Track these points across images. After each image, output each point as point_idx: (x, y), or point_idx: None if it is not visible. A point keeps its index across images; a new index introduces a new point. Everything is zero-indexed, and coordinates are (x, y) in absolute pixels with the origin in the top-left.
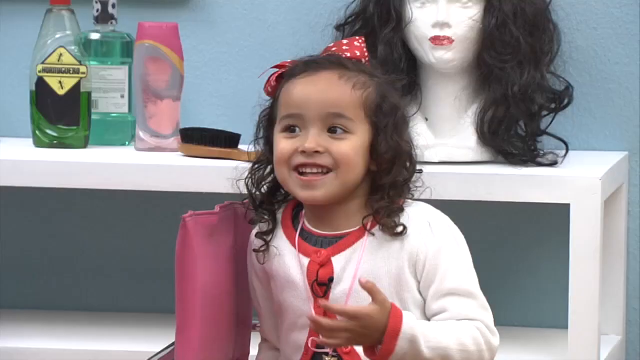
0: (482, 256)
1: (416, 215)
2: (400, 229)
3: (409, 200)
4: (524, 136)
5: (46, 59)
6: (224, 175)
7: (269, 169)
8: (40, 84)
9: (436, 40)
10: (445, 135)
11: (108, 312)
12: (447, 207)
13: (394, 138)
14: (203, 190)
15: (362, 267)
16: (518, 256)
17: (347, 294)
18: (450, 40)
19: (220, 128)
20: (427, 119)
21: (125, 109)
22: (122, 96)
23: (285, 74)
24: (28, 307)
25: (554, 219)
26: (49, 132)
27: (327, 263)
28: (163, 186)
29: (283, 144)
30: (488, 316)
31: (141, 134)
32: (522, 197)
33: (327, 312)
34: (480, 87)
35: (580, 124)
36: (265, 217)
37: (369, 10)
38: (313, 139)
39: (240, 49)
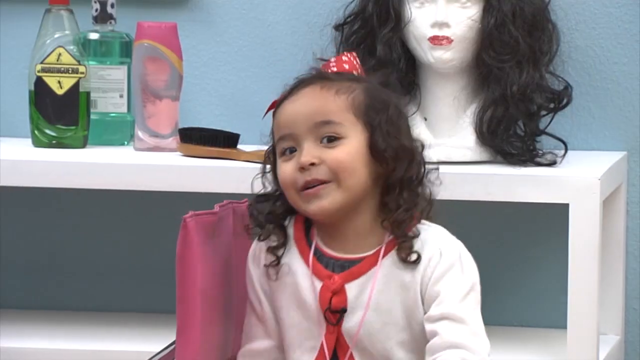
0: (481, 256)
1: (429, 241)
2: (414, 257)
3: (424, 223)
4: (522, 136)
5: (45, 58)
6: (222, 175)
7: (279, 202)
8: (39, 83)
9: (435, 40)
10: (444, 135)
11: (107, 312)
12: (445, 207)
13: (392, 134)
14: (202, 190)
15: (375, 297)
16: (517, 256)
17: (359, 323)
18: (449, 40)
19: (219, 128)
20: (425, 119)
21: (124, 109)
22: (121, 96)
23: (277, 106)
24: (27, 307)
25: (552, 219)
26: (47, 131)
27: (340, 291)
28: (162, 186)
29: (283, 168)
30: (479, 342)
31: (140, 133)
32: (520, 197)
33: (339, 339)
34: (479, 87)
35: (579, 123)
36: (276, 233)
37: (367, 10)
38: (307, 152)
39: (239, 49)
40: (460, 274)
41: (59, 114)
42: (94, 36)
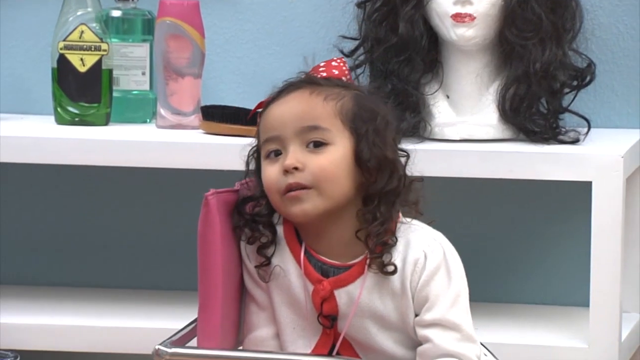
0: (504, 234)
1: (413, 243)
2: (390, 268)
3: (409, 222)
4: (545, 114)
5: (67, 36)
6: (244, 153)
7: (265, 202)
8: (62, 61)
9: (458, 18)
10: (467, 113)
11: (130, 289)
12: (467, 184)
13: (377, 144)
14: (224, 168)
15: (367, 305)
16: (539, 234)
17: (349, 328)
18: (471, 18)
19: (241, 105)
20: (448, 97)
21: (146, 86)
22: (143, 73)
23: (264, 107)
24: (48, 284)
25: (575, 197)
26: (70, 109)
27: (330, 297)
28: (184, 163)
29: (268, 170)
30: (471, 348)
31: (162, 111)
32: (543, 175)
33: (335, 343)
34: (501, 65)
35: (602, 101)
36: (264, 231)
37: None
38: (292, 155)
39: (262, 26)
40: (446, 277)
41: (82, 92)
42: (116, 13)
